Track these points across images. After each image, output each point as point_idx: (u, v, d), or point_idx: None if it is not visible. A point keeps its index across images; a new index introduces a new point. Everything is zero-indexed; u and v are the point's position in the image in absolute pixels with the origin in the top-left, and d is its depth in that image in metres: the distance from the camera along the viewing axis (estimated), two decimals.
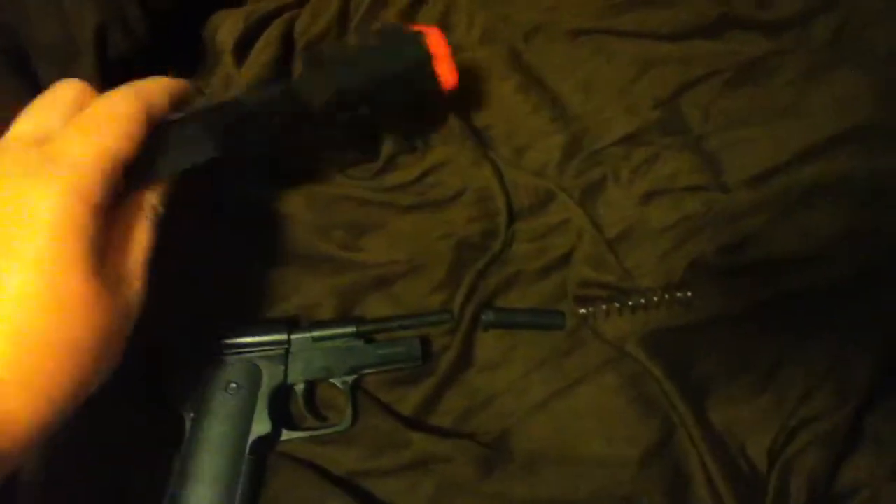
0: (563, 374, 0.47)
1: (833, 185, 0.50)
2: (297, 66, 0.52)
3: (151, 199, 0.35)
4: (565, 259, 0.49)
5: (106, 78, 0.46)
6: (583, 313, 0.47)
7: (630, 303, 0.47)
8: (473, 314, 0.47)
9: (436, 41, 0.43)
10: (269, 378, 0.45)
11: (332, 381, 0.45)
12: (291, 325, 0.46)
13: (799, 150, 0.51)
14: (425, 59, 0.43)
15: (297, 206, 0.48)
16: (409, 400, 0.46)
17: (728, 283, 0.48)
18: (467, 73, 0.53)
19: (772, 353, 0.47)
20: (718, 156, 0.51)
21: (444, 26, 0.54)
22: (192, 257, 0.47)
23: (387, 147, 0.49)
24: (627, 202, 0.50)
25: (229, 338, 0.45)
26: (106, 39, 0.46)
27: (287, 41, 0.52)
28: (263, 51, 0.50)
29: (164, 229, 0.36)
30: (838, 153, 0.51)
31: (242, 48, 0.50)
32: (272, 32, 0.51)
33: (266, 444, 0.44)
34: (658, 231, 0.50)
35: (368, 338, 0.46)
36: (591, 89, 0.53)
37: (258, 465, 0.44)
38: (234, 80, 0.50)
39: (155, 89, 0.36)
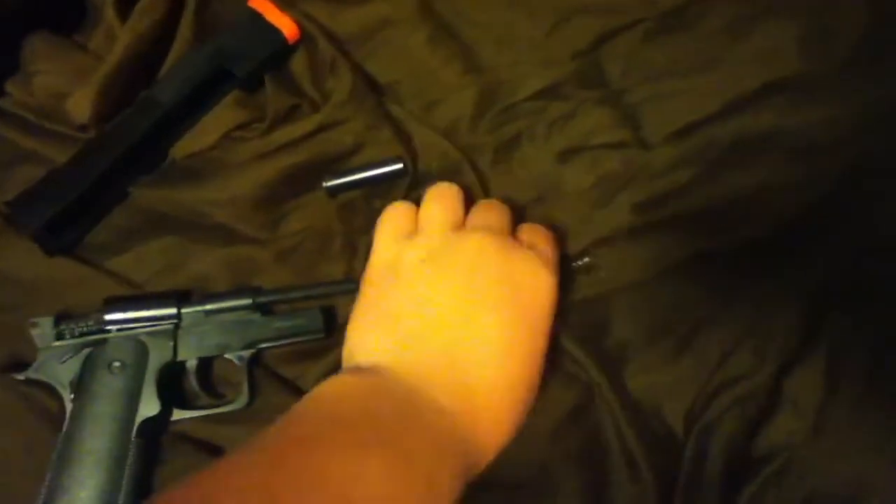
0: None
1: (757, 140, 0.48)
2: (185, 28, 0.48)
3: None
4: None
5: None
6: None
7: None
8: None
9: (258, 2, 0.48)
10: (157, 355, 0.42)
11: (227, 356, 0.43)
12: (181, 298, 0.43)
13: (722, 103, 0.48)
14: (254, 16, 0.47)
15: (181, 174, 0.45)
16: (312, 375, 0.43)
17: (646, 242, 0.46)
18: (374, 25, 0.50)
19: (690, 317, 0.45)
20: (639, 110, 0.49)
21: None
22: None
23: (272, 104, 0.46)
24: (544, 160, 0.48)
25: (113, 312, 0.42)
26: None
27: None
28: (149, 9, 0.47)
29: None
30: (763, 107, 0.49)
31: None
32: None
33: (155, 425, 0.41)
34: (576, 193, 0.47)
35: (267, 310, 0.44)
36: (505, 40, 0.50)
37: (147, 447, 0.41)
38: (117, 34, 0.46)
39: None
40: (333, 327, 0.44)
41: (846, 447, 0.43)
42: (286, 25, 0.47)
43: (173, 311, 0.42)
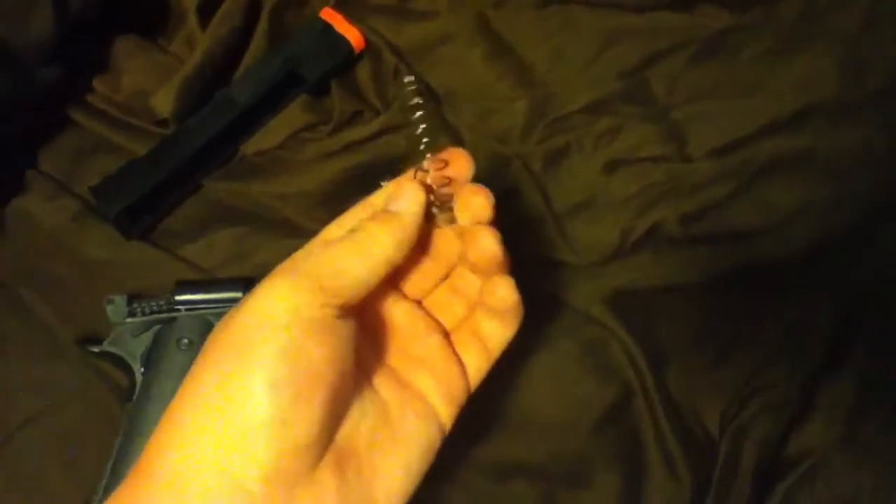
0: (518, 343, 0.46)
1: (794, 159, 0.51)
2: (260, 36, 0.51)
3: None
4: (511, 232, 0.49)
5: (62, 33, 0.45)
6: None
7: None
8: None
9: (329, 13, 0.52)
10: None
11: None
12: (247, 283, 0.45)
13: (762, 124, 0.51)
14: (324, 26, 0.51)
15: (251, 170, 0.48)
16: None
17: (686, 252, 0.48)
18: (434, 40, 0.53)
19: (727, 328, 0.47)
20: (683, 127, 0.51)
21: None
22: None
23: (337, 109, 0.50)
24: (590, 170, 0.50)
25: (183, 294, 0.44)
26: None
27: (252, 7, 0.52)
28: (228, 17, 0.50)
29: None
30: (801, 129, 0.51)
31: (207, 8, 0.50)
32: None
33: None
34: (619, 201, 0.50)
35: None
36: (557, 59, 0.53)
37: None
38: (197, 39, 0.50)
39: None
40: None
41: (872, 459, 0.44)
42: (354, 36, 0.50)
43: (240, 294, 0.45)
